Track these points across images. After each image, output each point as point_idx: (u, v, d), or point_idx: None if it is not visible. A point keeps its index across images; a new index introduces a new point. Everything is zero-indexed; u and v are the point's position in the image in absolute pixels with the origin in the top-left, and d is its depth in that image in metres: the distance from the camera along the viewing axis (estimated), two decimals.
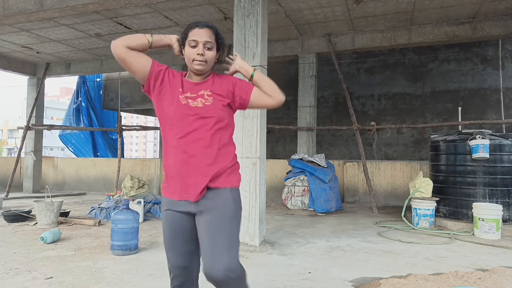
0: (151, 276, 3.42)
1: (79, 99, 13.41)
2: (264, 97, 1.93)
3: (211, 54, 1.89)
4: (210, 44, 1.87)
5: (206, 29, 1.89)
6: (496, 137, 5.70)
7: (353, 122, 7.98)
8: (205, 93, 1.90)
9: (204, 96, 1.89)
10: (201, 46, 1.86)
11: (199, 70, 1.89)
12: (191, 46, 1.87)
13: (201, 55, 1.86)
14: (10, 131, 58.66)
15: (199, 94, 1.89)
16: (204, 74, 1.95)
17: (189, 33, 1.89)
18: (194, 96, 1.89)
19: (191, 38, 1.87)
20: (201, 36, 1.86)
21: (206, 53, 1.87)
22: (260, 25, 4.62)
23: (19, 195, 9.94)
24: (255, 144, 4.52)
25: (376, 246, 4.59)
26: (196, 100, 1.88)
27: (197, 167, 1.84)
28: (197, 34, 1.87)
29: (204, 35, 1.87)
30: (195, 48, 1.87)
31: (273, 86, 1.94)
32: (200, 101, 1.87)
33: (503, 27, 7.18)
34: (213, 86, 1.93)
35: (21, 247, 4.45)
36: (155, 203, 6.61)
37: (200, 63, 1.87)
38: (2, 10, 6.11)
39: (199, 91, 1.90)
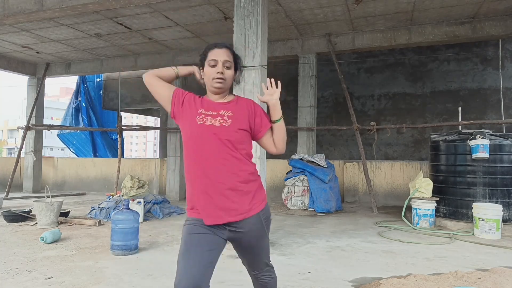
0: (151, 276, 3.42)
1: (78, 99, 13.42)
2: (270, 144, 2.05)
3: (230, 73, 1.95)
4: (229, 63, 1.94)
5: (225, 49, 1.96)
6: (496, 137, 5.70)
7: (353, 122, 7.98)
8: (225, 113, 1.92)
9: (224, 117, 1.91)
10: (221, 65, 1.92)
11: (219, 88, 1.94)
12: (211, 65, 1.93)
13: (221, 73, 1.91)
14: (10, 131, 58.66)
15: (219, 114, 1.92)
16: (223, 93, 1.98)
17: (208, 53, 1.96)
18: (215, 114, 1.92)
19: (210, 58, 1.94)
20: (221, 56, 1.93)
21: (225, 72, 1.93)
22: (260, 25, 4.62)
23: (19, 195, 9.94)
24: (255, 144, 4.51)
25: (376, 246, 4.59)
26: (215, 119, 1.90)
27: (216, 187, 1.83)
28: (216, 54, 1.93)
29: (223, 54, 1.94)
30: (214, 67, 1.92)
31: (284, 140, 2.04)
32: (218, 121, 1.89)
33: (503, 27, 7.18)
34: (234, 107, 1.95)
35: (21, 247, 4.45)
36: (155, 203, 6.61)
37: (220, 81, 1.92)
38: (2, 10, 6.11)
39: (220, 110, 1.93)
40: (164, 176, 10.63)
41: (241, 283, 3.24)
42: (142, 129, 11.30)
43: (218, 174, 1.84)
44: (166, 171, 10.41)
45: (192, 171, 1.89)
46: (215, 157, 1.85)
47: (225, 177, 1.84)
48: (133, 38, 8.62)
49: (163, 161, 10.87)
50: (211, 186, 1.83)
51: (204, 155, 1.86)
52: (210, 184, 1.84)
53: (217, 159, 1.85)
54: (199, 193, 1.86)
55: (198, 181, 1.86)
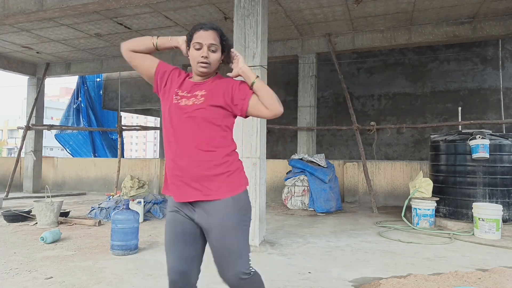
0: (151, 276, 3.42)
1: (79, 99, 13.41)
2: (261, 108, 1.86)
3: (215, 56, 1.89)
4: (214, 47, 1.87)
5: (211, 31, 1.88)
6: (496, 137, 5.70)
7: (353, 122, 7.98)
8: (199, 93, 1.88)
9: (198, 96, 1.87)
10: (206, 49, 1.86)
11: (203, 72, 1.90)
12: (196, 48, 1.87)
13: (205, 57, 1.86)
14: (10, 131, 58.65)
15: (193, 94, 1.89)
16: (207, 75, 1.95)
17: (194, 35, 1.89)
18: (189, 95, 1.89)
19: (195, 40, 1.88)
20: (206, 39, 1.86)
21: (210, 55, 1.87)
22: (260, 25, 4.62)
23: (19, 195, 9.93)
24: (255, 144, 4.52)
25: (376, 246, 4.59)
26: (189, 99, 1.87)
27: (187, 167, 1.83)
28: (201, 37, 1.87)
29: (209, 37, 1.87)
30: (199, 50, 1.87)
31: (272, 97, 1.87)
32: (192, 100, 1.87)
33: (503, 27, 7.18)
34: (210, 86, 1.90)
35: (21, 247, 4.45)
36: (155, 203, 6.60)
37: (205, 65, 1.87)
38: (2, 10, 6.11)
39: (195, 91, 1.90)
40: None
41: None
42: (142, 129, 11.31)
43: (190, 154, 1.82)
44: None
45: (167, 149, 1.90)
46: (188, 137, 1.83)
47: (197, 157, 1.82)
48: (133, 38, 8.60)
49: (163, 161, 10.86)
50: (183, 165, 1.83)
51: (177, 134, 1.85)
52: (182, 163, 1.83)
53: (191, 138, 1.83)
54: (172, 171, 1.87)
55: (172, 160, 1.87)
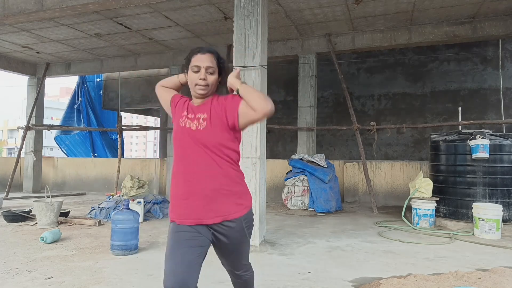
0: (151, 276, 3.42)
1: (79, 100, 13.42)
2: (249, 112, 1.83)
3: (213, 78, 1.94)
4: (212, 69, 1.93)
5: (208, 54, 1.95)
6: (496, 137, 5.69)
7: (353, 122, 7.97)
8: (201, 116, 1.92)
9: (200, 120, 1.91)
10: (203, 71, 1.92)
11: (201, 94, 1.95)
12: (194, 71, 1.93)
13: (203, 80, 1.91)
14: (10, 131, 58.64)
15: (196, 117, 1.94)
16: (206, 98, 1.99)
17: (192, 59, 1.96)
18: (192, 117, 1.95)
19: (193, 63, 1.94)
20: (203, 62, 1.92)
21: (208, 78, 1.93)
22: (260, 25, 4.62)
23: (19, 195, 9.93)
24: (255, 144, 4.52)
25: (376, 246, 4.59)
26: (193, 122, 1.93)
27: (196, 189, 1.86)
28: (199, 60, 1.93)
29: (206, 60, 1.93)
30: (197, 73, 1.93)
31: (258, 98, 1.81)
32: (195, 124, 1.91)
33: (503, 27, 7.18)
34: (210, 109, 1.93)
35: (21, 247, 4.45)
36: (155, 203, 6.61)
37: (203, 87, 1.92)
38: (2, 10, 6.11)
39: (197, 113, 1.95)
40: (164, 176, 10.63)
41: None
42: (142, 129, 11.30)
43: (198, 177, 1.87)
44: (166, 171, 10.41)
45: (176, 172, 1.94)
46: (195, 160, 1.88)
47: (205, 180, 1.86)
48: (133, 38, 8.62)
49: (163, 161, 10.87)
50: (192, 188, 1.87)
51: (185, 157, 1.90)
52: (190, 186, 1.87)
53: (197, 162, 1.87)
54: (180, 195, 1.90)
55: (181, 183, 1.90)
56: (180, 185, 1.89)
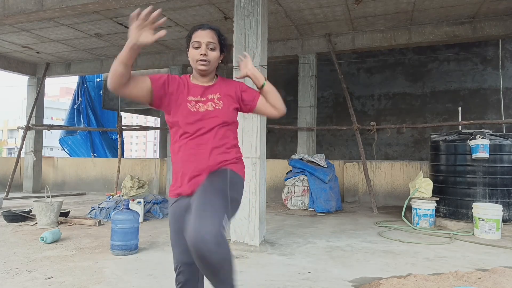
0: (151, 276, 3.42)
1: (79, 100, 13.42)
2: (268, 107, 2.03)
3: (214, 54, 1.94)
4: (212, 45, 1.93)
5: (209, 30, 1.95)
6: (496, 137, 5.69)
7: (353, 122, 7.97)
8: (214, 97, 1.96)
9: (214, 100, 1.95)
10: (204, 47, 1.91)
11: (202, 70, 1.94)
12: (194, 47, 1.93)
13: (204, 55, 1.91)
14: (10, 131, 58.65)
15: (208, 98, 1.95)
16: (209, 76, 1.99)
17: (192, 35, 1.96)
18: (204, 100, 1.95)
19: (194, 39, 1.93)
20: (204, 37, 1.92)
21: (209, 54, 1.92)
22: (260, 25, 4.62)
23: (19, 195, 9.93)
24: (255, 144, 4.52)
25: (376, 246, 4.59)
26: (206, 104, 1.94)
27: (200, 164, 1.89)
28: (199, 36, 1.93)
29: (207, 36, 1.92)
30: (198, 49, 1.92)
31: (279, 98, 2.03)
32: (211, 105, 1.94)
33: (503, 27, 7.18)
34: (221, 89, 1.99)
35: (21, 247, 4.45)
36: (155, 203, 6.61)
37: (204, 63, 1.91)
38: (2, 10, 6.11)
39: (208, 94, 1.96)
40: (164, 176, 10.63)
41: (241, 283, 3.23)
42: (142, 129, 11.30)
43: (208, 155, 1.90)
44: (166, 171, 10.41)
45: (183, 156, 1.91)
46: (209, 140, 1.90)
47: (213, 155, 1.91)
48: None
49: (163, 161, 10.87)
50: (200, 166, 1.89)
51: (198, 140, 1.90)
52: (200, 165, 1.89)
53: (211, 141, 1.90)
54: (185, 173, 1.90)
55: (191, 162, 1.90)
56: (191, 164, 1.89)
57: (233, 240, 4.49)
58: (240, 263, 3.82)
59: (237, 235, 4.49)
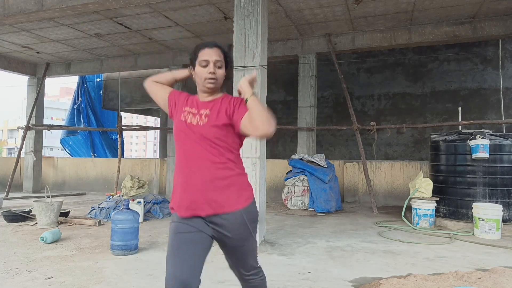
0: (151, 276, 3.42)
1: (79, 100, 13.43)
2: (249, 127, 1.83)
3: (221, 72, 1.95)
4: (220, 63, 1.94)
5: (216, 48, 1.95)
6: (496, 137, 5.69)
7: (353, 122, 7.97)
8: (204, 112, 1.93)
9: (202, 116, 1.92)
10: (212, 65, 1.92)
11: (210, 88, 1.95)
12: (202, 66, 1.93)
13: (212, 73, 1.91)
14: (10, 131, 58.65)
15: (199, 112, 1.94)
16: (215, 93, 1.99)
17: (199, 54, 1.95)
18: (195, 112, 1.95)
19: (201, 58, 1.93)
20: (211, 56, 1.92)
21: (217, 71, 1.93)
22: (260, 25, 4.62)
23: (19, 195, 9.93)
24: (255, 144, 4.52)
25: (376, 246, 4.59)
26: (195, 117, 1.93)
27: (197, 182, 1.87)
28: (207, 54, 1.93)
29: (214, 54, 1.93)
30: (206, 67, 1.92)
31: (261, 118, 1.78)
32: (196, 119, 1.92)
33: (503, 27, 7.18)
34: (214, 106, 1.93)
35: (21, 247, 4.45)
36: (155, 203, 6.61)
37: (212, 81, 1.92)
38: (2, 10, 6.11)
39: (201, 109, 1.95)
40: (164, 176, 10.63)
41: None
42: (142, 129, 11.31)
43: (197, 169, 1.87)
44: (166, 171, 10.41)
45: (177, 166, 1.96)
46: (194, 154, 1.89)
47: (202, 172, 1.86)
48: (133, 38, 8.62)
49: (163, 161, 10.87)
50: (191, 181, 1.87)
51: (185, 151, 1.92)
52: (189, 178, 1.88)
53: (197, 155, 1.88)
54: (179, 187, 1.91)
55: (181, 176, 1.92)
56: (180, 178, 1.92)
57: None
58: None
59: None
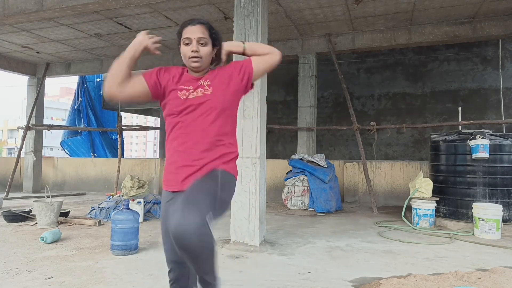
0: (151, 276, 3.42)
1: (79, 100, 13.43)
2: (265, 58, 1.95)
3: (206, 49, 1.89)
4: (204, 40, 1.88)
5: (199, 25, 1.89)
6: (496, 137, 5.70)
7: (353, 122, 7.97)
8: (205, 83, 1.90)
9: (204, 86, 1.89)
10: (195, 43, 1.87)
11: (195, 67, 1.90)
12: (185, 44, 1.89)
13: (195, 52, 1.86)
14: (10, 131, 58.65)
15: (198, 85, 1.90)
16: (203, 71, 1.95)
17: (182, 32, 1.91)
18: (194, 87, 1.90)
19: (184, 36, 1.89)
20: (194, 33, 1.87)
21: (200, 49, 1.87)
22: (260, 25, 4.62)
23: (19, 195, 9.93)
24: (255, 144, 4.52)
25: (376, 246, 4.59)
26: (196, 91, 1.89)
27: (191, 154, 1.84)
28: (190, 32, 1.88)
29: (197, 31, 1.88)
30: (189, 45, 1.88)
31: (266, 45, 2.02)
32: (200, 91, 1.88)
33: (503, 27, 7.18)
34: (214, 75, 1.93)
35: (21, 247, 4.45)
36: (155, 203, 6.60)
37: (196, 59, 1.87)
38: (2, 10, 6.11)
39: (199, 81, 1.91)
40: None
41: (241, 283, 3.24)
42: (142, 129, 11.31)
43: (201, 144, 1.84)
44: None
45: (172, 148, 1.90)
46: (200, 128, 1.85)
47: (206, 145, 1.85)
48: (133, 38, 8.59)
49: (163, 161, 10.86)
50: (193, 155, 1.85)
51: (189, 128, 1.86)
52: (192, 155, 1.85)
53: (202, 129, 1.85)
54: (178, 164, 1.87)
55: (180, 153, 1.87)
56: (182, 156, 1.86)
57: (233, 240, 4.49)
58: (240, 263, 3.82)
59: (237, 235, 4.49)
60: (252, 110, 4.53)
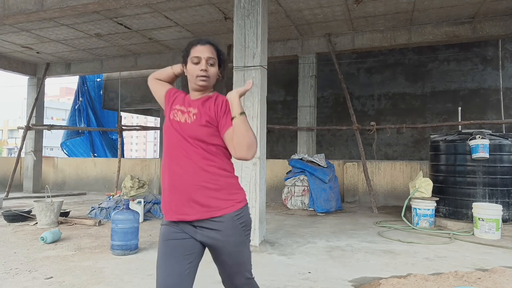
0: (151, 276, 3.42)
1: (79, 100, 13.43)
2: (229, 146, 1.81)
3: (213, 70, 1.89)
4: (212, 60, 1.88)
5: (208, 45, 1.89)
6: (496, 137, 5.70)
7: (353, 122, 7.97)
8: (192, 110, 1.87)
9: (190, 114, 1.86)
10: (204, 62, 1.86)
11: (202, 86, 1.89)
12: (194, 62, 1.87)
13: (204, 71, 1.85)
14: (10, 131, 58.66)
15: (187, 110, 1.88)
16: (206, 91, 1.94)
17: (191, 50, 1.89)
18: (185, 110, 1.89)
19: (193, 55, 1.87)
20: (204, 52, 1.87)
21: (209, 69, 1.87)
22: (260, 25, 4.62)
23: (19, 195, 9.94)
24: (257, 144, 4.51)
25: (376, 246, 4.59)
26: (183, 115, 1.87)
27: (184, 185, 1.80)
28: (199, 51, 1.87)
29: (206, 51, 1.87)
30: (198, 64, 1.87)
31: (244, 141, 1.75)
32: (185, 118, 1.87)
33: (503, 27, 7.18)
34: (204, 104, 1.87)
35: (21, 247, 4.45)
36: (155, 203, 6.61)
37: (204, 78, 1.86)
38: (2, 10, 6.11)
39: (190, 107, 1.89)
40: None
41: None
42: (142, 129, 11.32)
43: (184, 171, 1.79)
44: None
45: (164, 165, 1.88)
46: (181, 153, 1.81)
47: (190, 174, 1.78)
48: (133, 38, 8.62)
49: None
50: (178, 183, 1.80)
51: (172, 151, 1.84)
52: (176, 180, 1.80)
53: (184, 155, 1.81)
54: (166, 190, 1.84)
55: (167, 177, 1.84)
56: (166, 179, 1.84)
57: None
58: None
59: None
60: (252, 110, 4.54)
